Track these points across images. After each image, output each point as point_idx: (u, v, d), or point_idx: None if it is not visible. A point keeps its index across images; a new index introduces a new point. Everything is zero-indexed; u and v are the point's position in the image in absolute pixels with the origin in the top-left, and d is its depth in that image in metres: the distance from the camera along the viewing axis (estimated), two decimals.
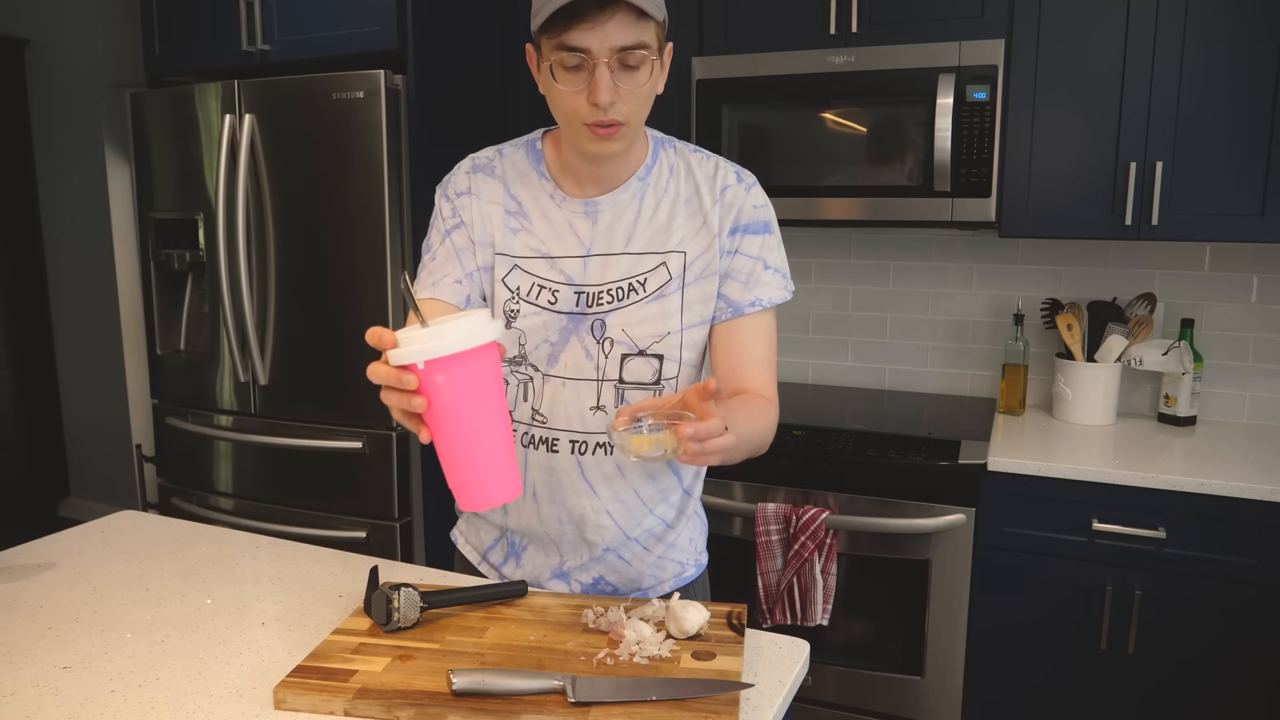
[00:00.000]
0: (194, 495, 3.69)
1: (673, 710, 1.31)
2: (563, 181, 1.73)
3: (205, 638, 1.60)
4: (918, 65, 2.95)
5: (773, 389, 1.75)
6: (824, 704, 3.10)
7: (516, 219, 1.73)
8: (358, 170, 3.15)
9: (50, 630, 1.62)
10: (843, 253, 3.67)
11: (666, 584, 1.85)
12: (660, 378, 1.71)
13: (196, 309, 3.69)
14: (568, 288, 1.70)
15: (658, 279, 1.70)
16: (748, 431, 1.56)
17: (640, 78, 1.55)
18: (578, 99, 1.55)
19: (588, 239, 1.70)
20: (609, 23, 1.49)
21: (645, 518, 1.79)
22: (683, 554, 1.86)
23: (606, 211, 1.70)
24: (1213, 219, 2.83)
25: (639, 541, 1.80)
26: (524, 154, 1.77)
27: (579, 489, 1.74)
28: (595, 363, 1.70)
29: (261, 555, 1.99)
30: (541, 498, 1.76)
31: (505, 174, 1.76)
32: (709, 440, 1.34)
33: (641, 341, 1.70)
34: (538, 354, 1.72)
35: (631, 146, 1.67)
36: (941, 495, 2.86)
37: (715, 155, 1.77)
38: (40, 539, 2.05)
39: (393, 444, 3.26)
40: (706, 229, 1.71)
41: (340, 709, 1.34)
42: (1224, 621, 2.66)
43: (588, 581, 1.83)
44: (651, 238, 1.70)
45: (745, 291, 1.73)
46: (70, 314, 5.40)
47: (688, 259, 1.70)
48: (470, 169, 1.78)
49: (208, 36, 3.46)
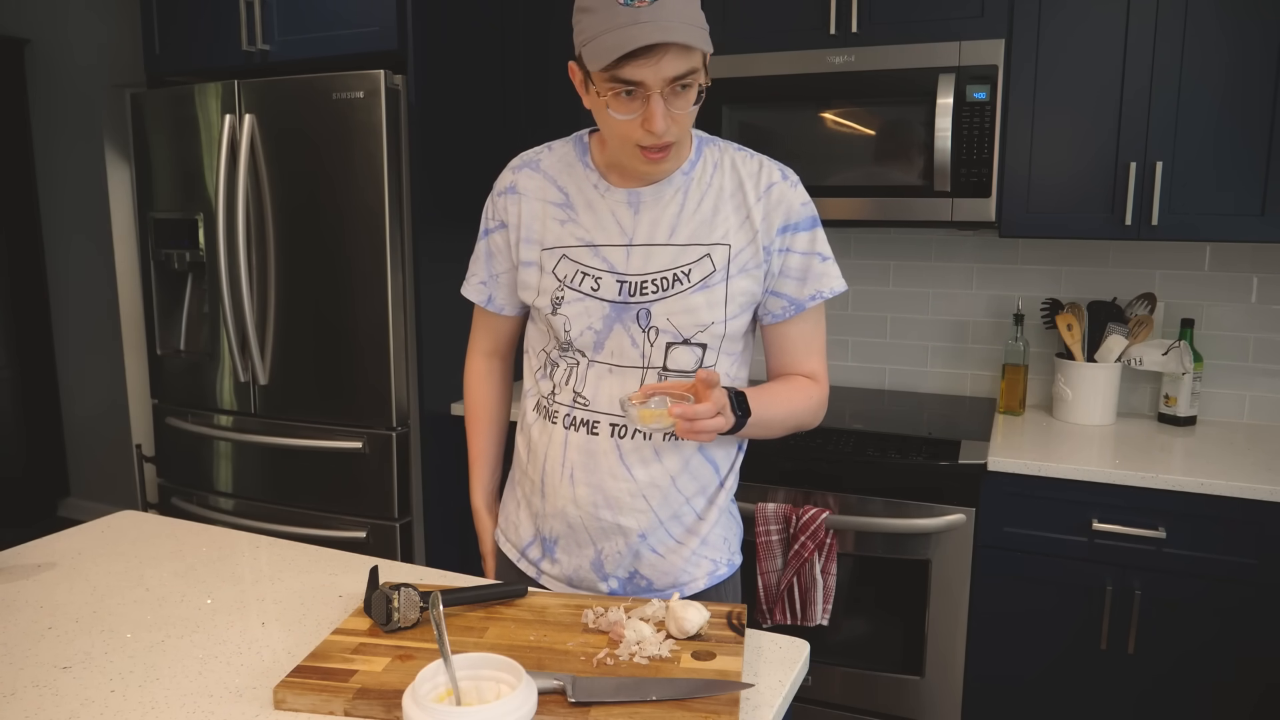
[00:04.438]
0: (194, 495, 3.69)
1: (673, 710, 1.31)
2: (609, 174, 1.77)
3: (205, 637, 1.60)
4: (918, 65, 2.94)
5: (824, 370, 1.88)
6: (824, 704, 3.10)
7: (564, 210, 1.79)
8: (358, 170, 3.15)
9: (50, 630, 1.62)
10: (843, 252, 3.67)
11: (701, 581, 1.86)
12: (701, 365, 1.75)
13: (196, 309, 3.68)
14: (610, 275, 1.74)
15: (702, 270, 1.73)
16: (780, 411, 1.77)
17: (690, 98, 1.60)
18: (632, 125, 1.60)
19: (630, 228, 1.74)
20: (664, 58, 1.53)
21: (680, 506, 1.81)
22: (715, 551, 1.88)
23: (649, 202, 1.74)
24: (1212, 219, 2.83)
25: (671, 533, 1.82)
26: (571, 147, 1.83)
27: (617, 472, 1.77)
28: (641, 350, 1.74)
29: (261, 555, 1.99)
30: (578, 480, 1.78)
31: (552, 168, 1.82)
32: (698, 421, 1.53)
33: (686, 330, 1.73)
34: (583, 340, 1.76)
35: (681, 155, 1.74)
36: (942, 495, 2.85)
37: (759, 154, 1.81)
38: (40, 539, 2.05)
39: (393, 444, 3.26)
40: (749, 224, 1.75)
41: (340, 709, 1.34)
42: (1223, 621, 2.66)
43: (624, 576, 1.84)
44: (696, 230, 1.74)
45: (803, 287, 1.79)
46: (70, 313, 5.40)
47: (732, 251, 1.74)
48: (515, 166, 1.87)
49: (208, 36, 3.46)
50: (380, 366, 3.20)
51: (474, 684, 1.26)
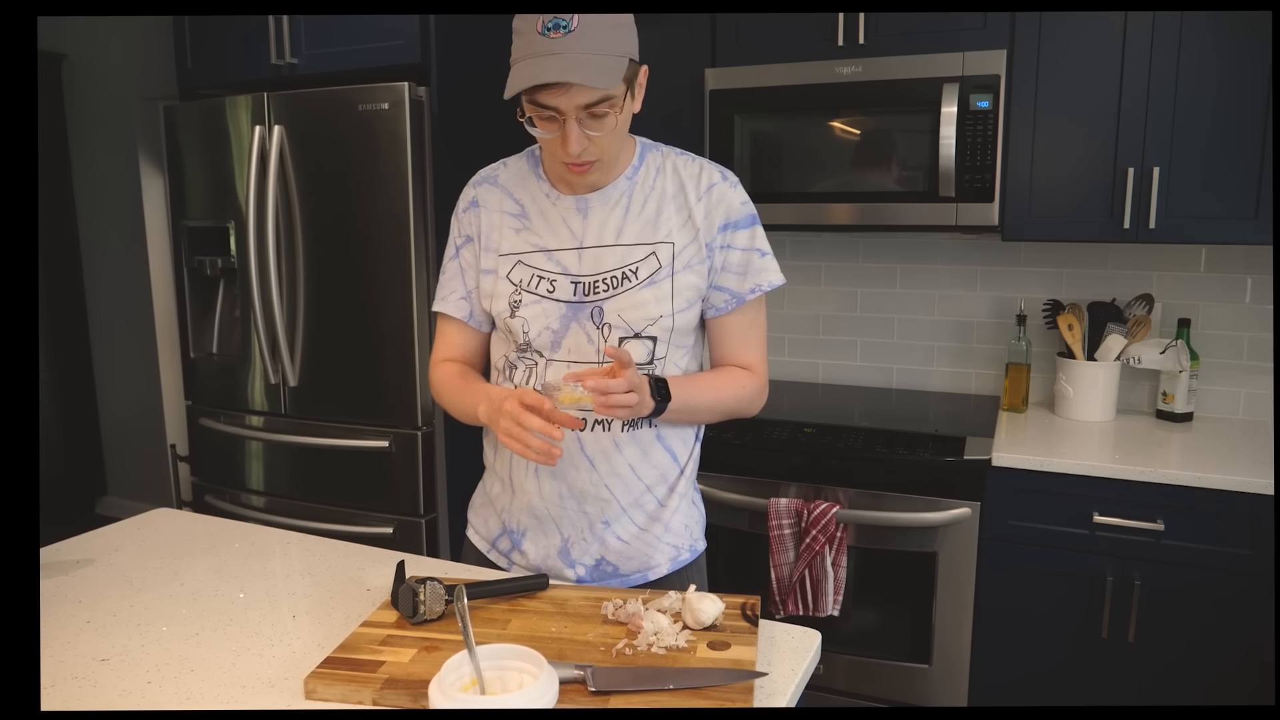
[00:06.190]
0: (227, 493, 3.69)
1: (690, 698, 1.30)
2: (558, 183, 1.81)
3: (238, 631, 1.59)
4: (922, 75, 2.93)
5: (763, 365, 1.89)
6: (836, 691, 3.09)
7: (518, 220, 1.82)
8: (383, 178, 3.14)
9: (89, 624, 1.62)
10: (851, 256, 3.66)
11: (663, 567, 1.87)
12: (653, 358, 1.78)
13: (228, 313, 3.68)
14: (564, 277, 1.76)
15: (649, 267, 1.75)
16: (706, 399, 1.80)
17: (609, 124, 1.63)
18: (554, 144, 1.65)
19: (580, 232, 1.77)
20: (572, 88, 1.56)
21: (642, 494, 1.83)
22: (678, 538, 1.89)
23: (596, 207, 1.77)
24: (1208, 222, 2.81)
25: (635, 521, 1.83)
26: (524, 162, 1.87)
27: (579, 464, 1.79)
28: (596, 346, 1.76)
29: (292, 551, 1.99)
30: (543, 474, 1.81)
31: (508, 182, 1.86)
32: (611, 395, 1.56)
33: (636, 325, 1.75)
34: (541, 340, 1.78)
35: (611, 168, 1.76)
36: (947, 490, 2.84)
37: (700, 157, 1.84)
38: (79, 536, 2.06)
39: (418, 443, 3.25)
40: (691, 222, 1.77)
41: (369, 699, 1.33)
42: (1220, 610, 2.64)
43: (590, 564, 1.84)
44: (641, 230, 1.76)
45: (744, 281, 1.81)
46: (107, 319, 5.41)
47: (676, 249, 1.76)
48: (475, 182, 1.90)
49: (238, 50, 3.46)
50: (405, 368, 3.20)
51: (498, 674, 1.26)
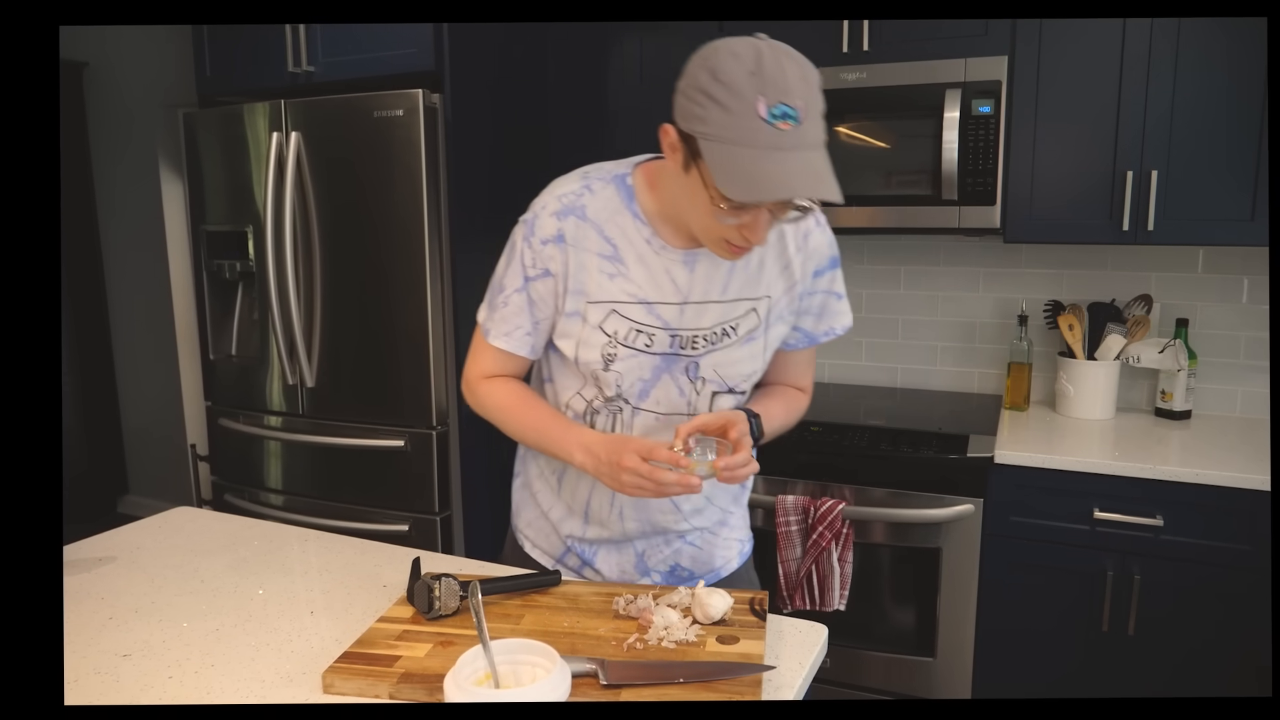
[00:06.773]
0: (246, 492, 3.70)
1: (699, 691, 1.31)
2: (661, 229, 1.62)
3: (257, 626, 1.60)
4: (926, 81, 2.94)
5: (812, 383, 1.91)
6: (842, 684, 3.09)
7: (612, 263, 1.62)
8: (398, 184, 3.16)
9: (111, 620, 1.63)
10: (856, 259, 3.66)
11: (734, 562, 1.89)
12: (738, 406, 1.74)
13: (247, 316, 3.70)
14: (664, 332, 1.64)
15: (748, 324, 1.68)
16: (778, 425, 1.77)
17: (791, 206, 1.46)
18: (729, 228, 1.46)
19: (685, 287, 1.63)
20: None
21: (715, 513, 1.84)
22: (740, 533, 1.92)
23: (704, 261, 1.62)
24: (1205, 224, 2.81)
25: (706, 529, 1.85)
26: (615, 191, 1.64)
27: (664, 506, 1.77)
28: (688, 399, 1.70)
29: (310, 548, 2.00)
30: (628, 515, 1.78)
31: (597, 216, 1.62)
32: (737, 470, 1.53)
33: (731, 380, 1.71)
34: (630, 390, 1.68)
35: None
36: (951, 487, 2.85)
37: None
38: (101, 534, 2.06)
39: (433, 442, 3.27)
40: (789, 272, 1.69)
41: (385, 693, 1.34)
42: (1218, 604, 2.65)
43: (665, 570, 1.85)
44: (744, 285, 1.65)
45: (819, 323, 1.78)
46: (128, 321, 5.43)
47: (772, 301, 1.69)
48: (559, 211, 1.63)
49: (256, 59, 3.47)
50: (420, 369, 3.21)
51: (511, 668, 1.27)
